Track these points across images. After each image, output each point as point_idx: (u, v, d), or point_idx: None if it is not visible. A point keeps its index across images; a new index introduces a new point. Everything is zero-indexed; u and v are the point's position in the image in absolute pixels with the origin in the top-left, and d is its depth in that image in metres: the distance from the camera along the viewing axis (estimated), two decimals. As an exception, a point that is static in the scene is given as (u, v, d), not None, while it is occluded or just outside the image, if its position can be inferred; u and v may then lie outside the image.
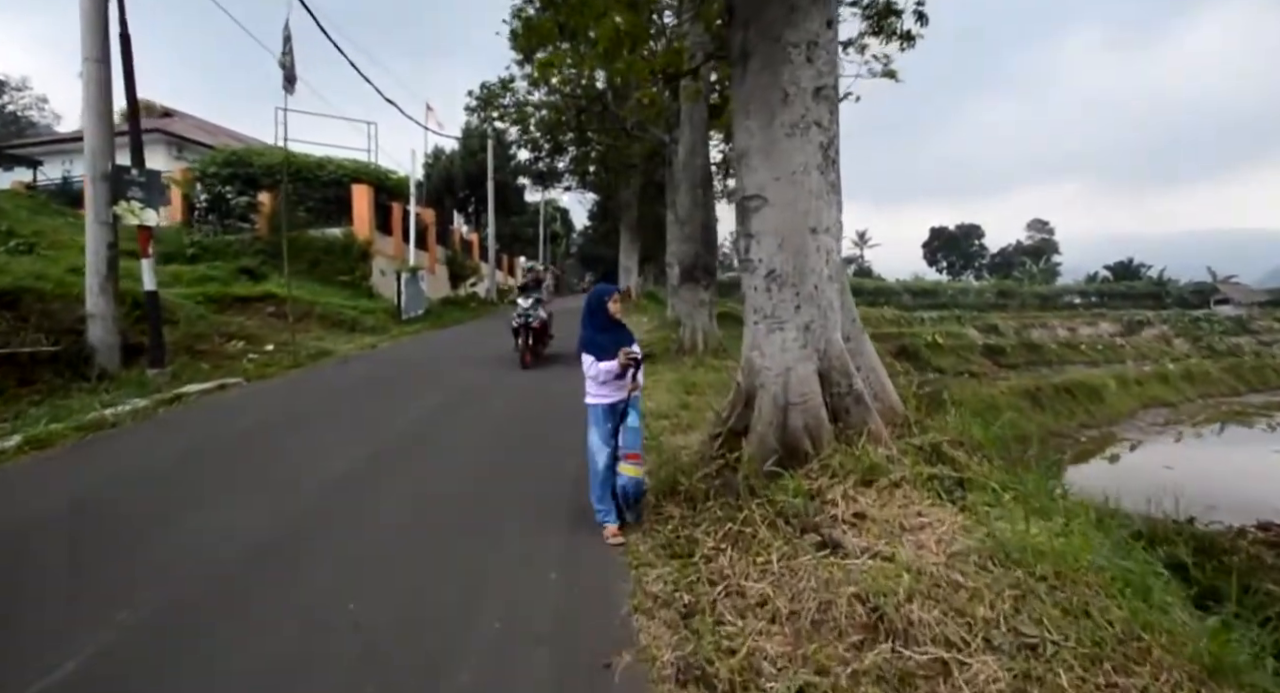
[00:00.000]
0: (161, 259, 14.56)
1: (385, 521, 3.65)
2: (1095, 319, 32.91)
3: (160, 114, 25.50)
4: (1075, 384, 11.08)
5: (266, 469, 4.57)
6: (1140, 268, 53.95)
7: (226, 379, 8.45)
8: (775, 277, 3.69)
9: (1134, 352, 24.67)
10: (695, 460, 4.10)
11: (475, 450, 5.14)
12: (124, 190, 7.74)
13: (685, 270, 9.65)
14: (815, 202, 3.60)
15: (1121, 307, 37.67)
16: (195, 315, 10.65)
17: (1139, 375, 13.34)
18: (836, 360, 3.72)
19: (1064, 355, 22.95)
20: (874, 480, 3.27)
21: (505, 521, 3.66)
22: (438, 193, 30.05)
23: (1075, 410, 10.86)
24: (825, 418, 3.59)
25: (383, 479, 4.34)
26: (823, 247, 3.66)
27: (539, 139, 18.34)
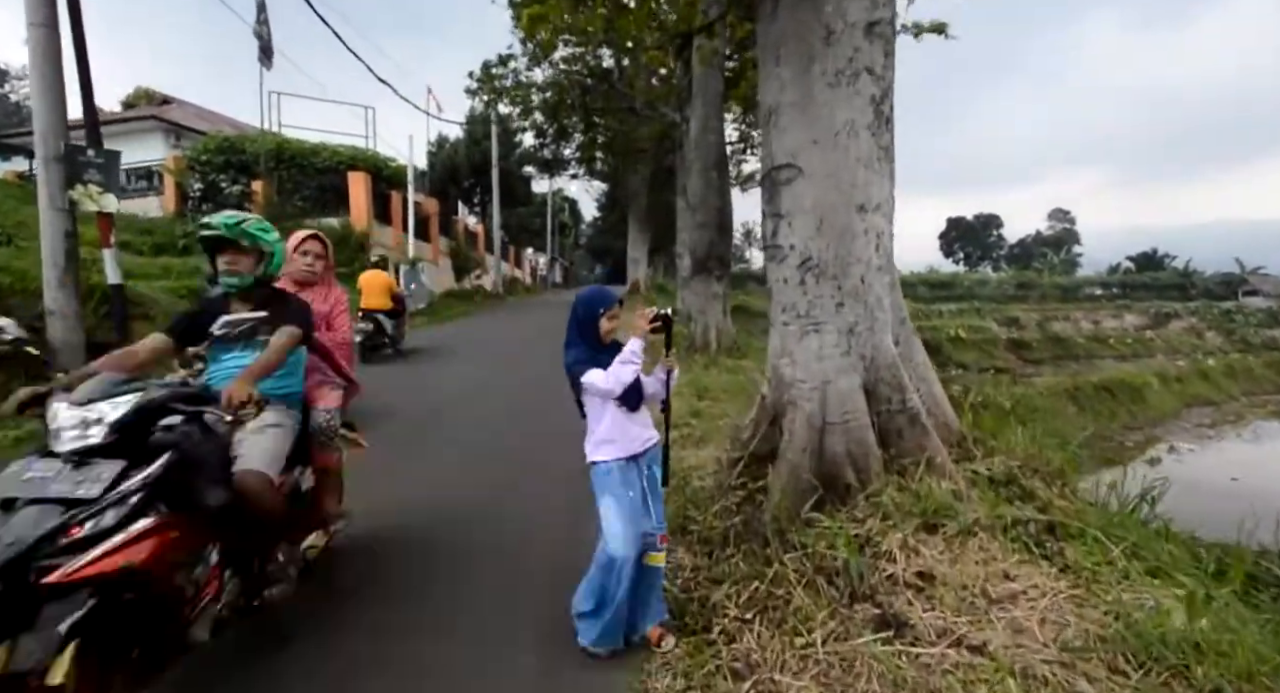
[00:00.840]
0: (153, 251, 14.17)
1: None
2: (1120, 311, 31.77)
3: (159, 102, 25.02)
4: (1116, 383, 10.29)
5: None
6: (1164, 259, 52.30)
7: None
8: (811, 266, 2.97)
9: (1165, 346, 23.58)
10: (711, 490, 3.42)
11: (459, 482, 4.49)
12: (80, 173, 7.12)
13: (697, 261, 8.88)
14: (863, 171, 2.87)
15: (1145, 299, 36.41)
16: (175, 311, 10.09)
17: (1179, 372, 12.49)
18: (886, 371, 3.00)
19: (1092, 350, 21.97)
20: (939, 525, 2.56)
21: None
22: (442, 182, 29.37)
23: (1117, 411, 10.05)
24: (873, 443, 2.89)
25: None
26: (871, 228, 2.93)
27: (543, 124, 17.55)
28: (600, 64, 13.94)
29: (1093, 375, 10.91)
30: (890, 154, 2.97)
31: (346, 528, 2.91)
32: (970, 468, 3.03)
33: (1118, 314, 31.07)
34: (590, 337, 2.25)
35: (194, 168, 17.16)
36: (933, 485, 2.75)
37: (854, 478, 2.87)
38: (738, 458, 3.30)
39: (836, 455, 2.93)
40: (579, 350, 2.23)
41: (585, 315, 2.25)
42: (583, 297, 2.30)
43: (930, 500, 2.65)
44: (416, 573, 2.89)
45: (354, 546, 3.05)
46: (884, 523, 2.63)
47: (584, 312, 2.26)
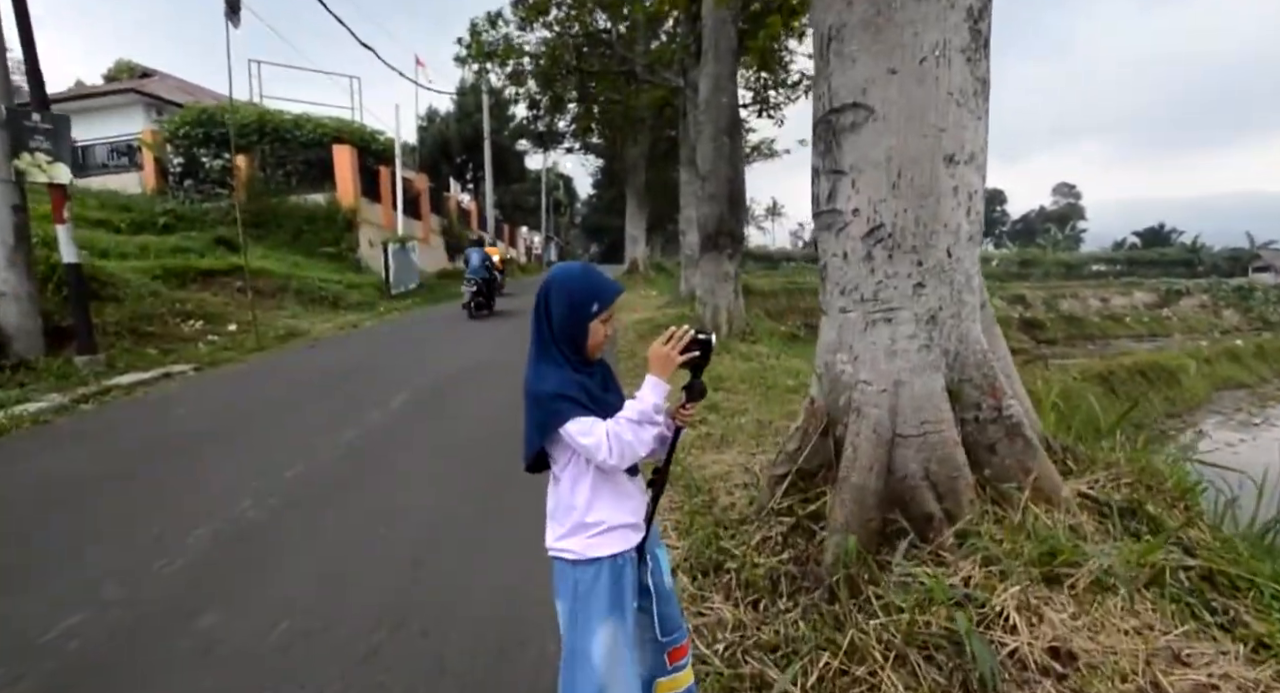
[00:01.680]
0: (132, 229, 13.37)
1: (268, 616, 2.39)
2: (1129, 288, 31.10)
3: (139, 75, 23.88)
4: (1149, 366, 9.70)
5: (154, 514, 3.32)
6: (1171, 233, 51.36)
7: (174, 367, 7.27)
8: (882, 237, 2.31)
9: (1181, 325, 22.94)
10: (745, 511, 2.81)
11: (441, 480, 3.87)
12: (25, 140, 6.37)
13: (707, 236, 8.15)
14: (955, 110, 2.20)
15: (1151, 275, 35.68)
16: (146, 292, 9.37)
17: (1208, 353, 11.93)
18: (976, 369, 2.37)
19: (1106, 329, 21.35)
20: (1063, 576, 1.96)
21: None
22: (433, 158, 28.39)
23: (1152, 396, 9.46)
24: (962, 461, 2.27)
25: (297, 539, 3.06)
26: (963, 186, 2.27)
27: (536, 94, 16.58)
28: (596, 25, 12.99)
29: (1124, 358, 10.29)
30: (987, 88, 2.29)
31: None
32: (1074, 489, 2.42)
33: (1126, 292, 30.42)
34: (575, 348, 1.37)
35: (173, 142, 16.23)
36: (1044, 519, 2.14)
37: (936, 507, 2.26)
38: (781, 475, 2.68)
39: (912, 477, 2.31)
40: (557, 372, 1.34)
41: (570, 314, 1.34)
42: (565, 282, 1.37)
43: (1046, 541, 2.04)
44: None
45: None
46: (986, 571, 2.03)
47: (568, 308, 1.34)
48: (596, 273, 1.41)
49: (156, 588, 2.58)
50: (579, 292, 1.36)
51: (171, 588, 2.59)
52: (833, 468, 2.62)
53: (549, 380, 1.33)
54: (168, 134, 16.39)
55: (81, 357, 6.74)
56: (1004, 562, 2.03)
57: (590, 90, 15.13)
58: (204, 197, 15.49)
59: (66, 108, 19.69)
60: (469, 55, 13.75)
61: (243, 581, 2.64)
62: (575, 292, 1.36)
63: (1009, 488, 2.24)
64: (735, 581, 2.39)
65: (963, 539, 2.17)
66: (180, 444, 4.46)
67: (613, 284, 1.41)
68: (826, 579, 2.13)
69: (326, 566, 2.76)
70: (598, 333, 1.38)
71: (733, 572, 2.43)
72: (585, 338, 1.37)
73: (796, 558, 2.42)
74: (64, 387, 6.08)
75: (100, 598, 2.50)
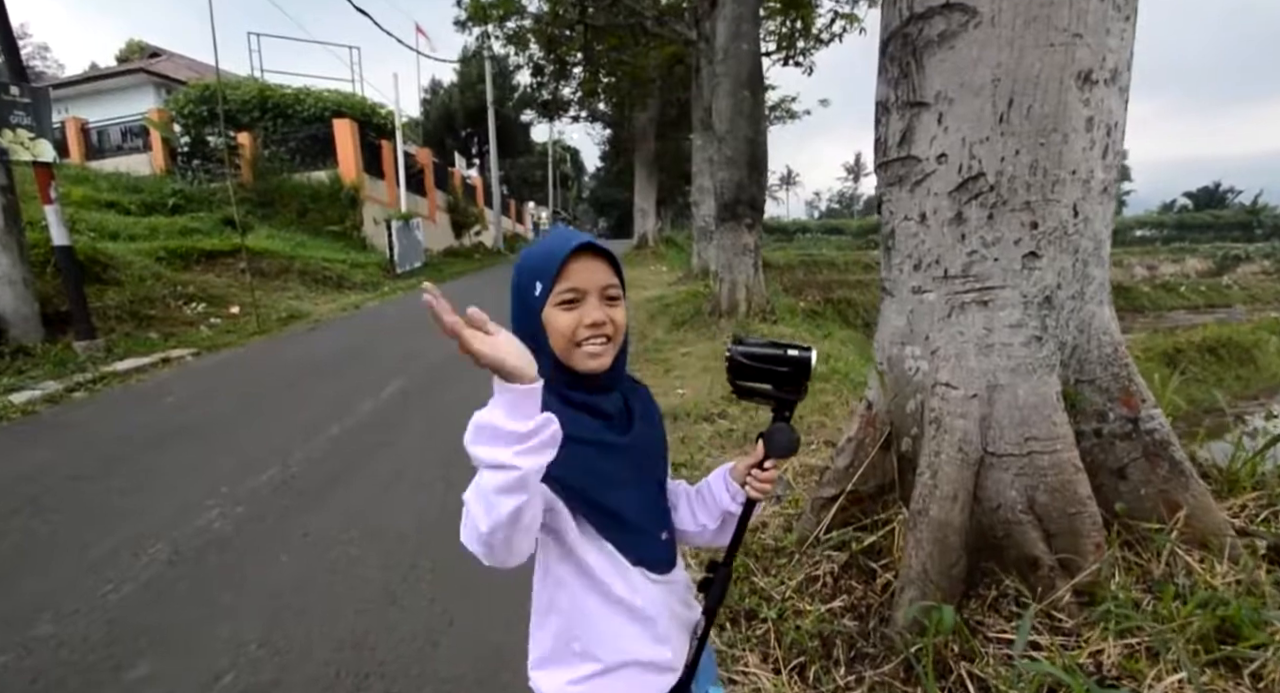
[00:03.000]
0: (142, 210, 13.07)
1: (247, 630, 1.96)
2: (1181, 254, 29.19)
3: (149, 55, 23.43)
4: (1221, 342, 8.85)
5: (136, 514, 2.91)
6: (1228, 193, 47.53)
7: (173, 352, 6.95)
8: (981, 189, 1.71)
9: (1244, 294, 21.46)
10: (784, 541, 2.29)
11: (427, 488, 3.41)
12: (6, 115, 5.90)
13: (724, 205, 7.46)
14: (1096, 6, 1.56)
15: (1204, 240, 33.51)
16: (148, 274, 9.05)
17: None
18: (1103, 367, 1.79)
19: (1159, 300, 20.09)
20: (1243, 659, 1.41)
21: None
22: (437, 132, 27.67)
23: (1223, 375, 8.64)
24: (1085, 493, 1.70)
25: (259, 561, 2.61)
26: (1100, 117, 1.65)
27: (540, 59, 15.69)
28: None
29: (1192, 333, 9.42)
30: (1134, -22, 1.64)
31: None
32: (1231, 522, 1.84)
33: (1178, 258, 28.59)
34: (551, 361, 0.83)
35: (179, 121, 15.79)
36: (1201, 572, 1.58)
37: (1045, 551, 1.70)
38: (830, 498, 2.15)
39: (1009, 509, 1.76)
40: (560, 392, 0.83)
41: (517, 308, 0.86)
42: (522, 256, 0.88)
43: (1213, 606, 1.48)
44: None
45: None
46: (1125, 645, 1.48)
47: (514, 299, 0.86)
48: (552, 235, 0.86)
49: (92, 623, 2.18)
50: (521, 269, 0.85)
51: (110, 623, 2.19)
52: (894, 490, 2.08)
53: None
54: (173, 112, 15.96)
55: (80, 343, 6.44)
56: (1152, 635, 1.48)
57: (595, 50, 14.23)
58: (211, 176, 15.12)
59: (79, 90, 19.51)
60: (468, 16, 12.95)
61: (192, 615, 2.23)
62: (518, 272, 0.86)
63: (1148, 528, 1.68)
64: (774, 635, 1.88)
65: (1087, 597, 1.62)
66: (161, 440, 4.08)
67: (566, 240, 0.82)
68: (901, 649, 1.60)
69: (287, 597, 2.33)
70: (556, 326, 0.81)
71: (770, 622, 1.91)
72: (545, 340, 0.82)
73: (852, 608, 1.89)
74: (61, 374, 5.81)
75: (27, 636, 2.11)
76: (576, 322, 0.81)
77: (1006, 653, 1.57)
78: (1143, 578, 1.64)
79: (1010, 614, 1.69)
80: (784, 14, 11.52)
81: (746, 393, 0.88)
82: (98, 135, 17.28)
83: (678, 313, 8.11)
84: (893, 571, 1.90)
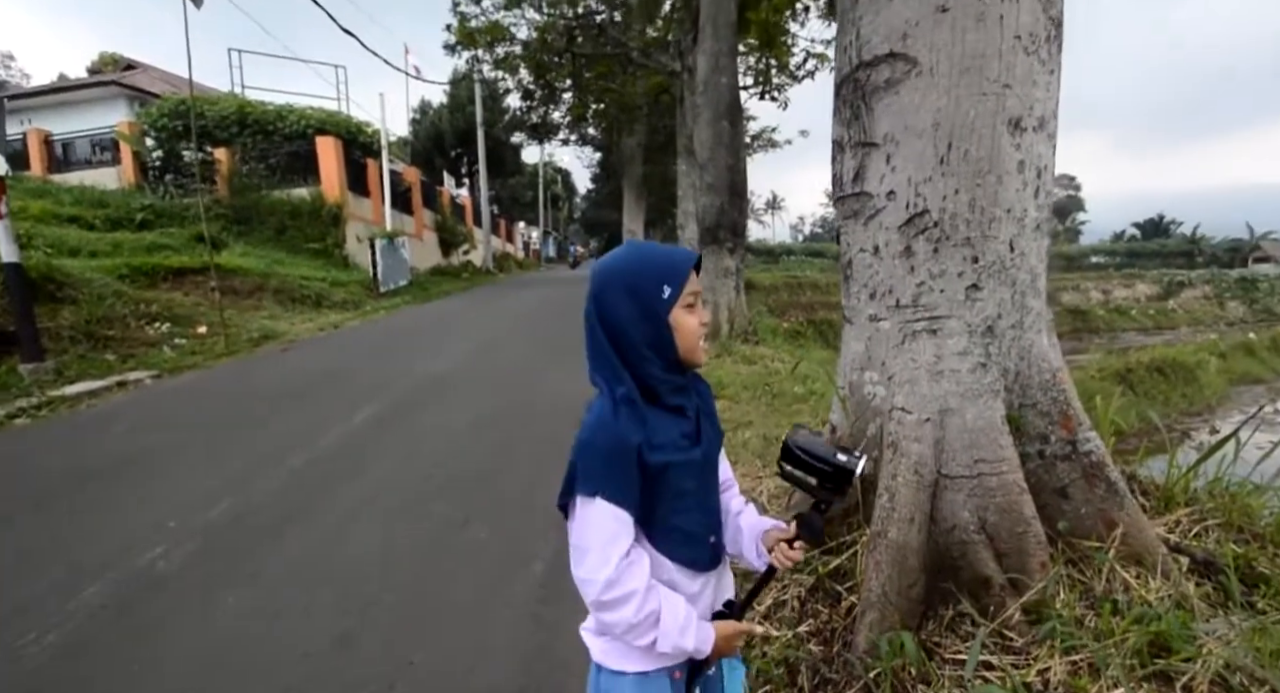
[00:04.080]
0: (107, 225, 12.80)
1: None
2: (1131, 280, 30.63)
3: (123, 67, 23.26)
4: (1167, 362, 9.24)
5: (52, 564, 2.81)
6: (1171, 225, 50.72)
7: (131, 374, 6.75)
8: (926, 226, 1.82)
9: (1187, 317, 22.49)
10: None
11: (392, 519, 3.38)
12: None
13: (706, 229, 7.63)
14: (1025, 59, 1.70)
15: (1151, 266, 35.22)
16: (108, 292, 8.77)
17: (1223, 347, 11.49)
18: (1043, 392, 1.89)
19: (1112, 322, 20.90)
20: (1175, 672, 1.48)
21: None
22: (426, 152, 27.79)
23: (1169, 393, 9.00)
24: (1029, 511, 1.79)
25: (202, 604, 2.48)
26: (1030, 160, 1.78)
27: (529, 84, 16.01)
28: (589, 6, 12.41)
29: (1141, 354, 9.82)
30: (1062, 33, 1.79)
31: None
32: (1163, 540, 1.94)
33: (1129, 283, 29.95)
34: (665, 361, 0.94)
35: (150, 134, 15.65)
36: (1138, 587, 1.66)
37: (996, 570, 1.78)
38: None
39: (963, 530, 1.83)
40: (624, 415, 0.91)
41: (641, 313, 0.92)
42: (616, 272, 0.94)
43: (1148, 621, 1.56)
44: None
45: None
46: (1070, 662, 1.55)
47: (634, 305, 0.92)
48: (651, 245, 0.98)
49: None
50: (640, 274, 0.93)
51: (27, 677, 2.04)
52: (858, 512, 2.15)
53: (603, 430, 0.91)
54: (146, 125, 15.81)
55: (27, 365, 6.23)
56: (1091, 647, 1.55)
57: (584, 78, 14.57)
58: (184, 191, 14.94)
59: (45, 101, 19.21)
60: (457, 42, 13.19)
61: (118, 673, 2.08)
62: (635, 277, 0.93)
63: (1089, 546, 1.76)
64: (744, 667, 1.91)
65: (1035, 615, 1.69)
66: (107, 471, 3.90)
67: (682, 252, 0.96)
68: (862, 674, 1.65)
69: (227, 645, 2.21)
70: (687, 326, 0.94)
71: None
72: (672, 340, 0.94)
73: (818, 632, 1.94)
74: (3, 399, 5.57)
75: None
76: (699, 321, 0.96)
77: (961, 674, 1.62)
78: (1085, 595, 1.72)
79: (966, 634, 1.75)
80: (760, 52, 11.96)
81: (790, 478, 0.99)
82: (63, 148, 16.90)
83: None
84: (857, 593, 1.95)
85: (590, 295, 0.96)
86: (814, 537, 0.99)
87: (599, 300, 0.94)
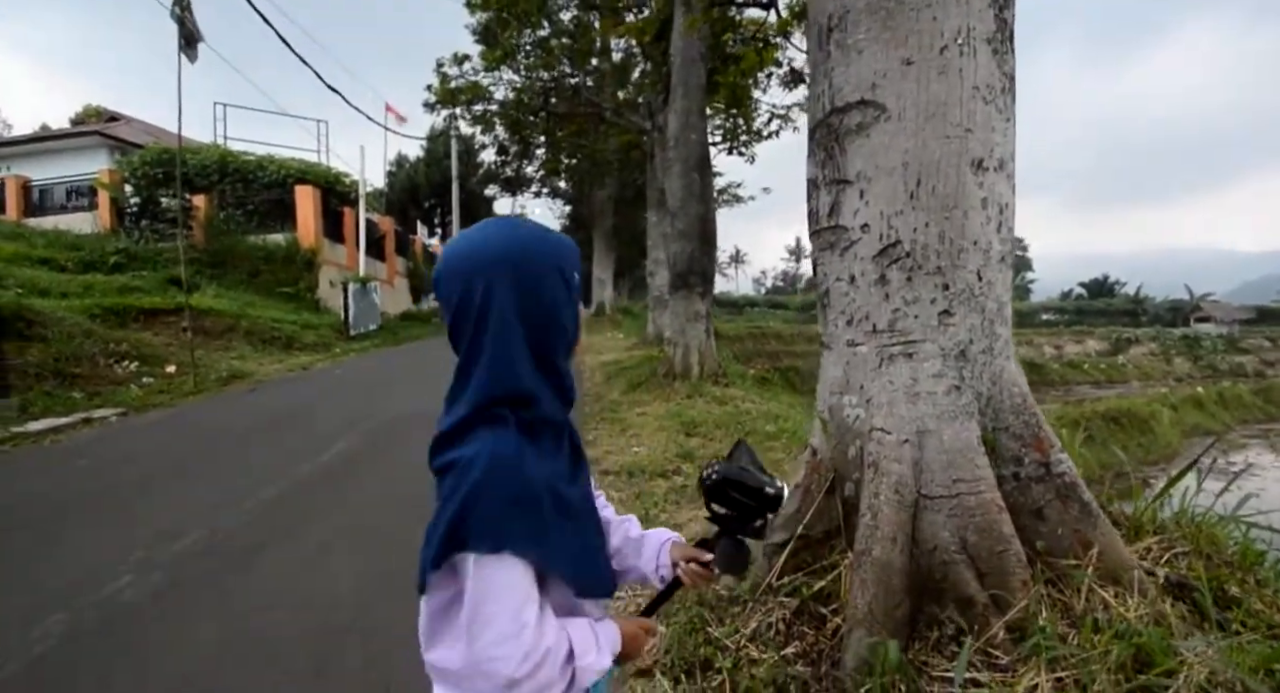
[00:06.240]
0: (79, 267, 12.60)
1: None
2: (1081, 337, 32.15)
3: (106, 119, 23.38)
4: (1123, 412, 9.63)
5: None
6: (1115, 284, 53.93)
7: (97, 411, 6.52)
8: (899, 256, 1.94)
9: (1137, 371, 23.57)
10: (737, 590, 2.30)
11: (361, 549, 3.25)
12: None
13: (678, 275, 7.85)
14: (983, 108, 1.88)
15: (1098, 324, 37.11)
16: (78, 331, 8.57)
17: (1174, 400, 12.05)
18: (1015, 415, 1.97)
19: (1067, 375, 21.76)
20: (1157, 686, 1.50)
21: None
22: (401, 203, 28.20)
23: (1127, 443, 9.33)
24: (1009, 530, 1.83)
25: (170, 629, 2.39)
26: (993, 197, 1.93)
27: (505, 140, 16.64)
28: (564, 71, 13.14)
29: (1096, 405, 10.24)
30: (1014, 87, 1.99)
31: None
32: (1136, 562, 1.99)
33: (1080, 339, 31.41)
34: (560, 370, 0.81)
35: (131, 182, 15.64)
36: (1116, 606, 1.70)
37: (978, 589, 1.80)
38: (779, 544, 2.20)
39: (944, 550, 1.86)
40: (505, 441, 0.75)
41: (553, 299, 0.78)
42: (518, 247, 0.77)
43: (1126, 636, 1.59)
44: None
45: None
46: (1055, 679, 1.56)
47: (546, 289, 0.77)
48: (517, 224, 0.81)
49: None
50: (560, 255, 0.78)
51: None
52: (841, 535, 2.16)
53: (503, 469, 0.71)
54: (126, 174, 15.86)
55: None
56: (1074, 664, 1.57)
57: (557, 135, 15.22)
58: (159, 236, 14.88)
59: (27, 149, 19.14)
60: (436, 100, 13.71)
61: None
62: (556, 258, 0.78)
63: (1066, 565, 1.80)
64: (729, 686, 1.86)
65: (1018, 633, 1.70)
66: (70, 505, 3.77)
67: (552, 233, 0.82)
68: (850, 690, 1.62)
69: (198, 673, 2.12)
70: (578, 320, 0.83)
71: (725, 672, 1.90)
72: (576, 342, 0.81)
73: (805, 654, 1.91)
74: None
75: None
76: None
77: (949, 691, 1.61)
78: (1066, 613, 1.74)
79: (952, 654, 1.75)
80: (726, 111, 12.75)
81: (719, 519, 0.91)
82: (40, 193, 16.92)
83: (634, 375, 8.24)
84: (842, 615, 1.94)
85: (500, 275, 0.74)
86: (740, 569, 0.92)
87: (527, 278, 0.74)
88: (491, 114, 14.30)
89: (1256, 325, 37.89)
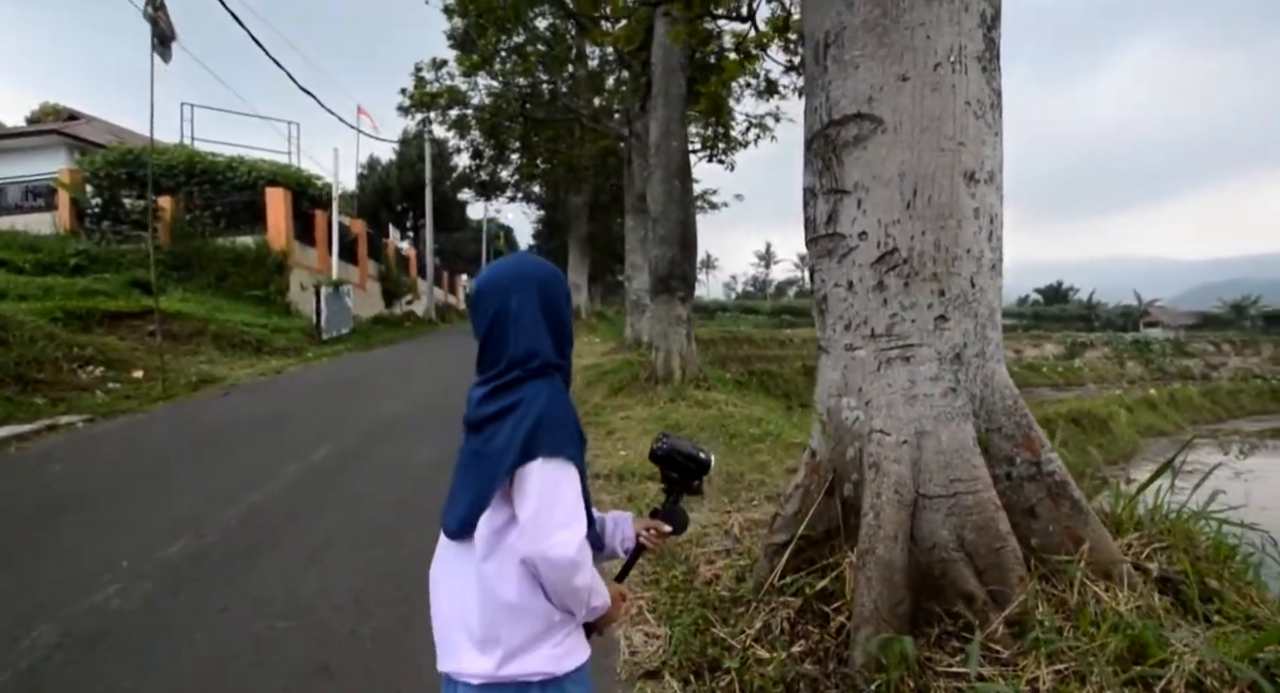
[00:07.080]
0: (38, 270, 12.04)
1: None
2: (1039, 341, 33.19)
3: (65, 118, 22.43)
4: (1083, 414, 10.02)
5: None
6: (1069, 291, 55.79)
7: (62, 418, 6.26)
8: (896, 263, 2.01)
9: (1093, 374, 24.49)
10: (732, 585, 2.34)
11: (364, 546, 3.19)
12: None
13: (659, 279, 7.89)
14: (974, 122, 1.96)
15: (1054, 329, 38.45)
16: (40, 335, 8.20)
17: (1129, 401, 12.58)
18: (1007, 416, 2.05)
19: (1027, 378, 22.51)
20: (1151, 677, 1.58)
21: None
22: (373, 205, 27.75)
23: (1087, 443, 9.70)
24: (1005, 528, 1.90)
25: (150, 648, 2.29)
26: (984, 207, 2.01)
27: (480, 144, 16.53)
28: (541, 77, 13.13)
29: (1059, 406, 10.62)
30: (1002, 103, 2.08)
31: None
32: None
33: (1038, 343, 32.44)
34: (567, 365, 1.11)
35: (93, 182, 15.03)
36: (1108, 600, 1.78)
37: (977, 586, 1.86)
38: (781, 544, 2.24)
39: (943, 548, 1.92)
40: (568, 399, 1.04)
41: (567, 311, 1.12)
42: (547, 270, 1.12)
43: (1120, 630, 1.67)
44: None
45: None
46: (1055, 671, 1.62)
47: (565, 303, 1.11)
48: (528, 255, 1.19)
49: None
50: (556, 276, 1.12)
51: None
52: (840, 534, 2.21)
53: (561, 404, 1.01)
54: (88, 173, 15.24)
55: (-55, 409, 5.67)
56: (1073, 657, 1.64)
57: (534, 140, 15.19)
58: (122, 238, 14.34)
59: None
60: (412, 103, 13.55)
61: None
62: (562, 281, 1.13)
63: (1059, 561, 1.88)
64: (738, 685, 1.89)
65: (1018, 628, 1.77)
66: (47, 512, 3.63)
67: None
68: (862, 687, 1.66)
69: (201, 679, 2.07)
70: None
71: (734, 672, 1.92)
72: (572, 339, 1.15)
73: (811, 652, 1.95)
74: None
75: None
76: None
77: (957, 685, 1.66)
78: (1061, 607, 1.81)
79: (954, 650, 1.80)
80: (706, 119, 12.92)
81: (668, 479, 1.20)
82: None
83: (615, 380, 8.24)
84: (845, 613, 1.98)
85: (528, 289, 1.05)
86: (682, 528, 1.21)
87: (545, 290, 1.07)
88: (468, 118, 14.20)
89: (1200, 330, 39.79)
